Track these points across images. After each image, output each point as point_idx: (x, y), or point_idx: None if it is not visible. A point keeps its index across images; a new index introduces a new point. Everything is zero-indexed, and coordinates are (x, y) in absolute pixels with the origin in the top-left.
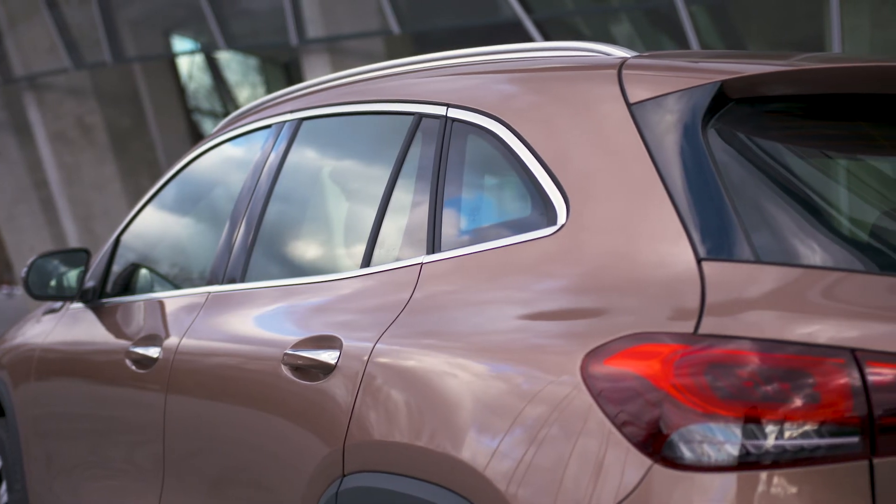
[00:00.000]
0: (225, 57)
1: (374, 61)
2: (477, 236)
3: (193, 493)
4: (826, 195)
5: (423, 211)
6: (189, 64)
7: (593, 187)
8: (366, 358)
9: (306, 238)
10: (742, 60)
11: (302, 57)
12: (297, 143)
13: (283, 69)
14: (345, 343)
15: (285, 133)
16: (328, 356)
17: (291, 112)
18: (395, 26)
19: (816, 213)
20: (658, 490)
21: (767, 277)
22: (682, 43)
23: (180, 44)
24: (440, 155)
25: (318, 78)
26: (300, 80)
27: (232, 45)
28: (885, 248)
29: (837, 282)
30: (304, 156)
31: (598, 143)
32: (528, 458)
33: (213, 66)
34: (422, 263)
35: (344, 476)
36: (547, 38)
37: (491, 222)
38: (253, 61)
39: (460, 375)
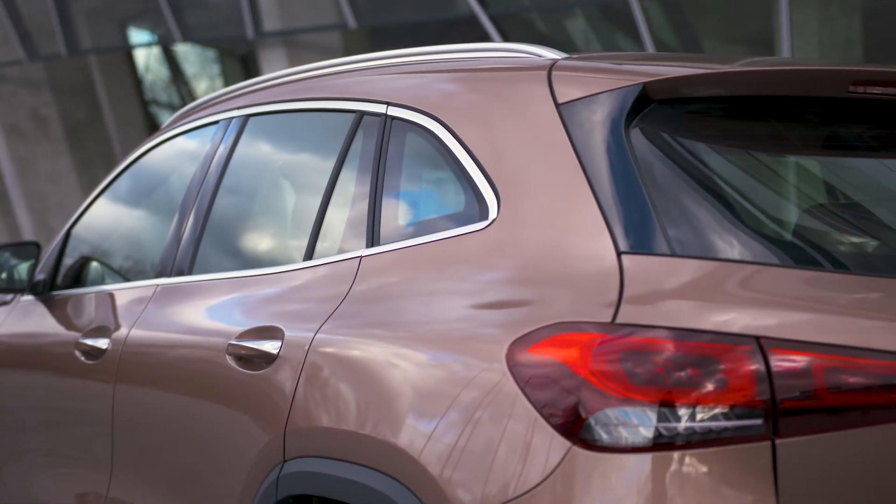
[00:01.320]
0: (182, 49)
1: (330, 55)
2: (413, 230)
3: (141, 480)
4: (743, 193)
5: (364, 206)
6: (146, 56)
7: (523, 184)
8: (306, 347)
9: (252, 232)
10: (666, 63)
11: (259, 50)
12: (243, 139)
13: (240, 62)
14: (287, 333)
15: (232, 129)
16: (271, 346)
17: (239, 108)
18: (351, 20)
19: (733, 210)
20: (577, 471)
21: (683, 270)
22: (636, 38)
23: (136, 35)
24: (380, 152)
25: (265, 75)
26: (258, 73)
27: (188, 37)
28: (800, 242)
29: (751, 274)
30: (250, 151)
31: (529, 141)
32: (461, 443)
33: (170, 58)
34: (361, 256)
35: (285, 461)
36: (502, 33)
37: (427, 217)
38: (211, 53)
39: (397, 364)
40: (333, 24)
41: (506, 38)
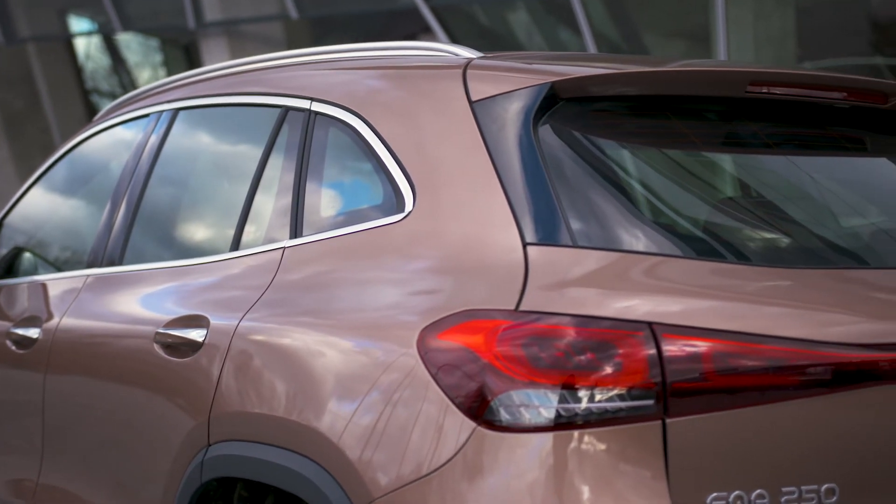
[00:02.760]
0: (124, 38)
1: (272, 46)
2: (334, 222)
3: (71, 466)
4: (646, 188)
5: (288, 198)
6: (86, 44)
7: (438, 177)
8: (231, 335)
9: (180, 223)
10: (575, 63)
11: (200, 41)
12: (173, 132)
13: (183, 51)
14: (212, 322)
15: (163, 122)
16: (196, 334)
17: (169, 102)
18: (293, 11)
19: (636, 204)
20: (482, 449)
21: (586, 260)
22: (576, 31)
23: (77, 24)
24: (304, 146)
25: (195, 70)
26: (200, 63)
27: (128, 27)
28: (701, 235)
29: (650, 265)
30: (179, 144)
31: (444, 136)
32: (377, 427)
33: (111, 47)
34: (284, 247)
35: (209, 446)
36: (444, 25)
37: (347, 209)
38: (153, 42)
39: (317, 351)
40: (275, 15)
41: (447, 31)
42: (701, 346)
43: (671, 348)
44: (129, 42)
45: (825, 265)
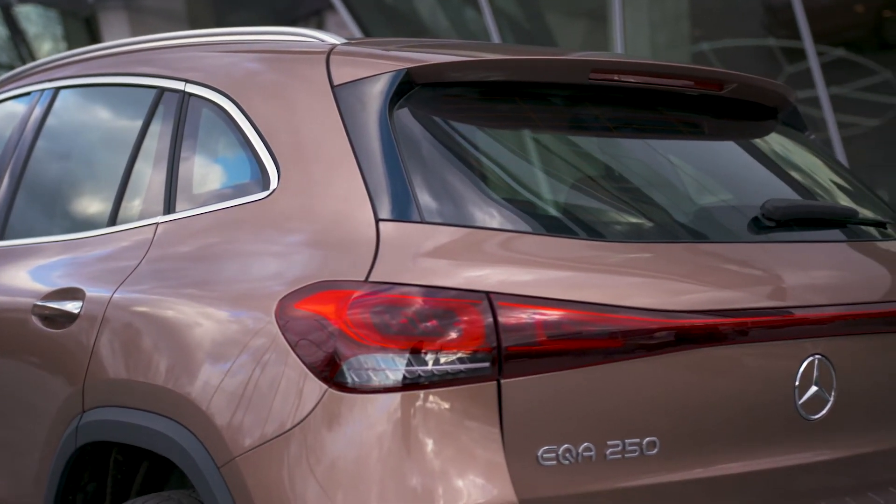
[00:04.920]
0: (24, 10)
1: (172, 21)
2: (205, 199)
3: None
4: (496, 169)
5: (162, 176)
6: None
7: (301, 158)
8: (105, 306)
9: (60, 200)
10: (434, 50)
11: (100, 14)
12: (54, 111)
13: (84, 24)
14: (87, 294)
15: (43, 101)
16: (72, 306)
17: (50, 81)
18: None
19: (486, 183)
20: (332, 410)
21: (435, 235)
22: (478, 9)
23: None
24: (178, 126)
25: (76, 49)
26: (100, 36)
27: None
28: (553, 213)
29: (494, 240)
30: (59, 123)
31: (307, 118)
32: (241, 392)
33: (10, 19)
34: (157, 223)
35: (84, 412)
36: (347, 3)
37: (217, 187)
38: (53, 14)
39: (184, 320)
40: None
41: (350, 9)
42: (534, 313)
43: (507, 316)
44: (29, 14)
45: (672, 240)
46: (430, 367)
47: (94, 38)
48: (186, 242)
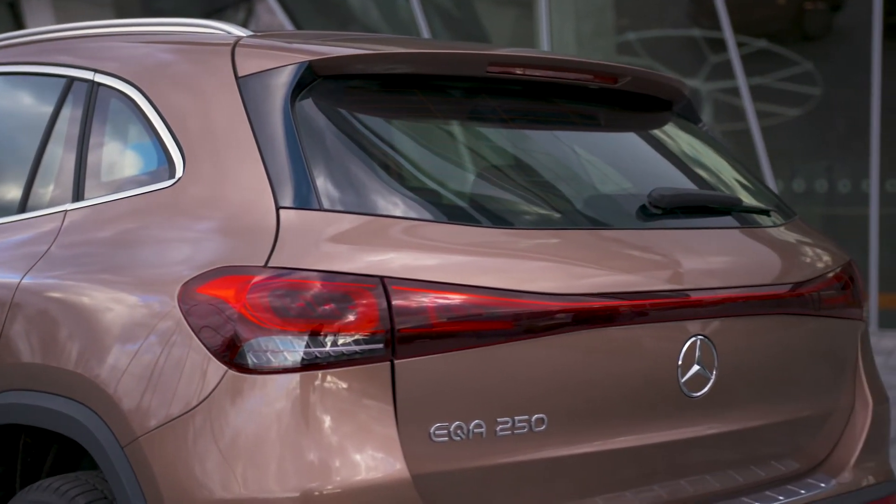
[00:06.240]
0: None
1: (97, 7)
2: (112, 187)
3: None
4: (399, 158)
5: (71, 164)
6: None
7: (206, 147)
8: (13, 291)
9: None
10: (337, 43)
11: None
12: None
13: (8, 8)
14: None
15: None
16: None
17: None
18: None
19: (389, 173)
20: (232, 390)
21: (335, 223)
22: (409, 13)
23: None
24: (87, 115)
25: None
26: (24, 21)
27: None
28: (455, 202)
29: (398, 228)
30: None
31: (212, 109)
32: (148, 374)
33: None
34: (66, 210)
35: None
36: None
37: (125, 175)
38: None
39: (90, 305)
40: None
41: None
42: (427, 297)
43: (399, 299)
44: None
45: (569, 227)
46: (327, 348)
47: (19, 23)
48: (95, 229)
